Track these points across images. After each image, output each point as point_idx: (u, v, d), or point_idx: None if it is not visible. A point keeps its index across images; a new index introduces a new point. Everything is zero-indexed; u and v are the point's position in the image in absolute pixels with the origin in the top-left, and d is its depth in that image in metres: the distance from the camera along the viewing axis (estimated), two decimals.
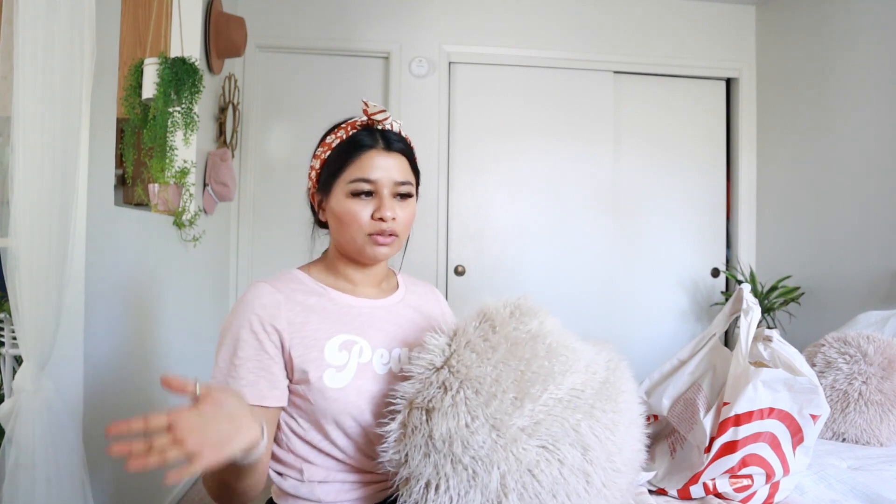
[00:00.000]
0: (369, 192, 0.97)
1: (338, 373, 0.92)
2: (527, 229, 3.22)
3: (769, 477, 1.19)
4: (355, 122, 1.00)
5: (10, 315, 1.25)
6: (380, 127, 0.99)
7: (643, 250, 3.33)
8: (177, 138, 2.14)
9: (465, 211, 3.19)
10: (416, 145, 1.06)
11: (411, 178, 1.01)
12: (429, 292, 1.17)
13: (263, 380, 0.90)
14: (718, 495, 1.20)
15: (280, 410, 0.94)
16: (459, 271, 3.16)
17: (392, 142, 0.99)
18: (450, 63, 3.19)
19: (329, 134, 1.02)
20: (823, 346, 1.78)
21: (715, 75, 3.38)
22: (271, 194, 3.08)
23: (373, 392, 0.94)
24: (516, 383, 0.87)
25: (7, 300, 1.27)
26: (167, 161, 2.09)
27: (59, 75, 1.27)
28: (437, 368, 0.88)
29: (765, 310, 2.90)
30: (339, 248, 1.02)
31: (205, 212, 2.51)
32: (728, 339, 3.19)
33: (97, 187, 1.64)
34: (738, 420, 1.18)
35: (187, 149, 2.24)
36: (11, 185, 1.21)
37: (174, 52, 2.26)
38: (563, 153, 3.23)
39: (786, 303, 2.91)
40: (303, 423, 0.94)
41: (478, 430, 0.83)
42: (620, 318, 3.29)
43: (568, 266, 3.23)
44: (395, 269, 1.16)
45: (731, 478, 1.20)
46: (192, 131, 2.07)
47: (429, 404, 0.85)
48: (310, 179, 1.04)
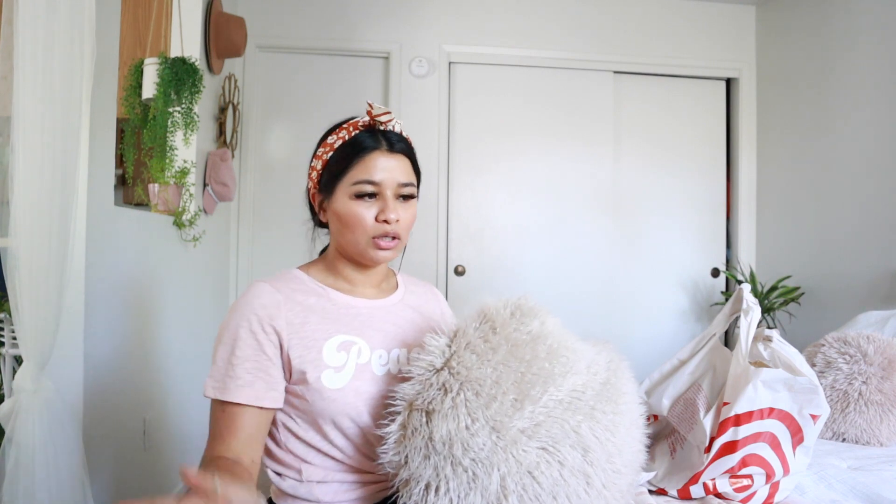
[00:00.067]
0: (373, 193, 0.96)
1: (336, 373, 0.92)
2: (527, 229, 3.21)
3: (769, 477, 1.19)
4: (357, 122, 1.00)
5: (10, 315, 1.26)
6: (382, 128, 0.99)
7: (643, 250, 3.32)
8: (177, 138, 2.14)
9: (465, 211, 3.19)
10: (416, 145, 1.05)
11: (413, 179, 1.01)
12: (428, 292, 1.17)
13: (260, 380, 0.90)
14: (718, 495, 1.20)
15: (275, 411, 0.94)
16: (459, 271, 3.15)
17: (395, 143, 0.98)
18: (450, 63, 3.19)
19: (330, 134, 1.01)
20: (823, 346, 1.78)
21: (715, 75, 3.38)
22: (271, 194, 3.08)
23: (371, 393, 0.93)
24: (517, 385, 0.87)
25: (7, 300, 1.27)
26: (167, 161, 2.09)
27: (59, 75, 1.26)
28: (438, 370, 0.88)
29: (765, 310, 2.90)
30: (339, 248, 1.02)
31: (205, 212, 2.51)
32: (728, 339, 3.19)
33: (97, 187, 1.64)
34: (738, 420, 1.18)
35: (187, 149, 2.24)
36: (11, 185, 1.21)
37: (174, 52, 2.26)
38: (563, 153, 3.23)
39: (786, 303, 2.91)
40: (301, 423, 0.94)
41: (478, 432, 0.83)
42: (620, 318, 3.29)
43: (568, 266, 3.23)
44: (394, 270, 1.16)
45: (731, 478, 1.20)
46: (192, 131, 2.07)
47: (429, 406, 0.85)
48: (310, 179, 1.03)
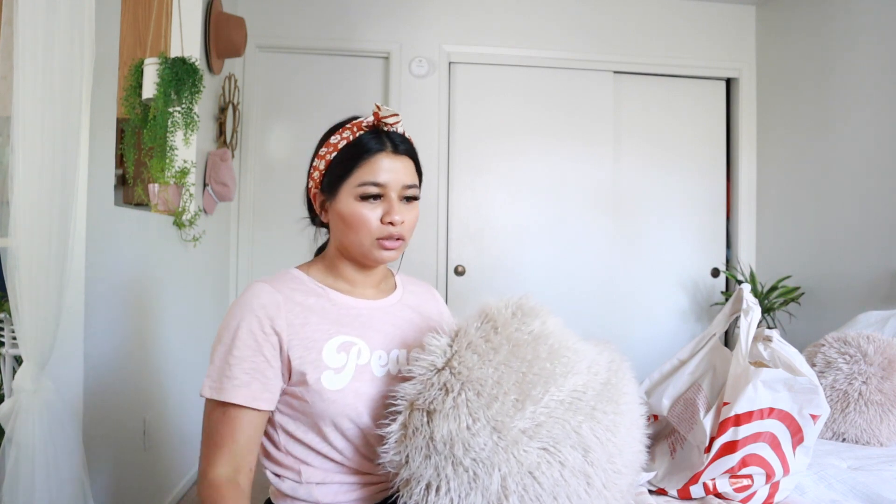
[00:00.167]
0: (378, 195, 0.96)
1: (336, 374, 0.92)
2: (527, 229, 3.21)
3: (769, 477, 1.19)
4: (361, 122, 1.00)
5: (10, 315, 1.25)
6: (386, 129, 0.99)
7: (643, 250, 3.32)
8: (177, 138, 2.14)
9: (465, 211, 3.19)
10: (416, 145, 1.05)
11: (417, 181, 1.01)
12: (426, 292, 1.17)
13: (257, 381, 0.89)
14: (718, 495, 1.20)
15: (269, 413, 0.93)
16: (459, 271, 3.15)
17: (399, 144, 0.99)
18: (450, 63, 3.19)
19: (333, 134, 1.01)
20: (823, 346, 1.78)
21: (715, 75, 3.38)
22: (271, 194, 3.08)
23: (371, 394, 0.93)
24: (518, 385, 0.87)
25: (7, 300, 1.27)
26: (167, 161, 2.08)
27: (59, 75, 1.26)
28: (439, 370, 0.88)
29: (765, 310, 2.90)
30: (341, 249, 1.01)
31: (205, 212, 2.51)
32: (728, 339, 3.19)
33: (97, 187, 1.64)
34: (738, 420, 1.18)
35: (187, 149, 2.24)
36: (11, 185, 1.21)
37: (174, 52, 2.26)
38: (563, 153, 3.23)
39: (786, 303, 2.91)
40: (300, 425, 0.94)
41: (479, 432, 0.83)
42: (620, 318, 3.29)
43: (568, 266, 3.23)
44: (393, 269, 1.16)
45: (731, 478, 1.20)
46: (192, 131, 2.07)
47: (430, 406, 0.85)
48: (311, 179, 1.02)
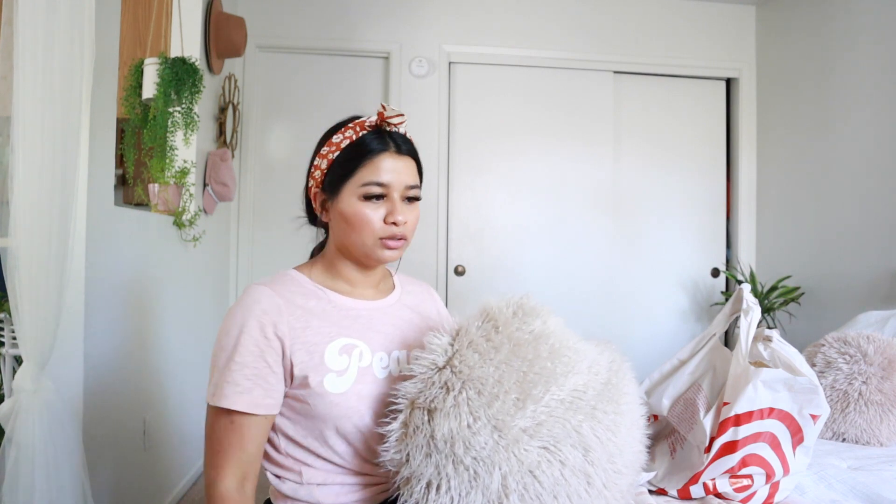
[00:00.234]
0: (381, 195, 0.96)
1: (338, 378, 0.91)
2: (527, 229, 3.21)
3: (769, 477, 1.19)
4: (363, 122, 0.99)
5: (10, 315, 1.25)
6: (389, 129, 0.99)
7: (643, 250, 3.33)
8: (177, 138, 2.14)
9: (465, 211, 3.19)
10: (416, 145, 1.06)
11: (418, 181, 1.01)
12: (424, 291, 1.17)
13: (259, 387, 0.89)
14: (718, 495, 1.20)
15: (272, 417, 0.93)
16: (459, 271, 3.15)
17: (401, 144, 0.98)
18: (450, 63, 3.19)
19: (334, 133, 1.00)
20: (823, 346, 1.78)
21: (715, 75, 3.38)
22: (271, 194, 3.08)
23: (373, 396, 0.93)
24: (518, 384, 0.87)
25: (7, 300, 1.27)
26: (167, 161, 2.09)
27: (59, 75, 1.26)
28: (440, 368, 0.88)
29: (765, 310, 2.90)
30: (342, 249, 1.01)
31: (205, 212, 2.51)
32: (728, 339, 3.19)
33: (97, 187, 1.64)
34: (738, 420, 1.18)
35: (187, 149, 2.24)
36: (11, 185, 1.21)
37: (174, 52, 2.26)
38: (563, 153, 3.23)
39: (786, 303, 2.91)
40: (300, 428, 0.94)
41: (480, 430, 0.83)
42: (620, 318, 3.29)
43: (568, 266, 3.23)
44: (391, 269, 1.15)
45: (731, 478, 1.20)
46: (192, 131, 2.07)
47: (431, 404, 0.85)
48: (312, 178, 1.02)
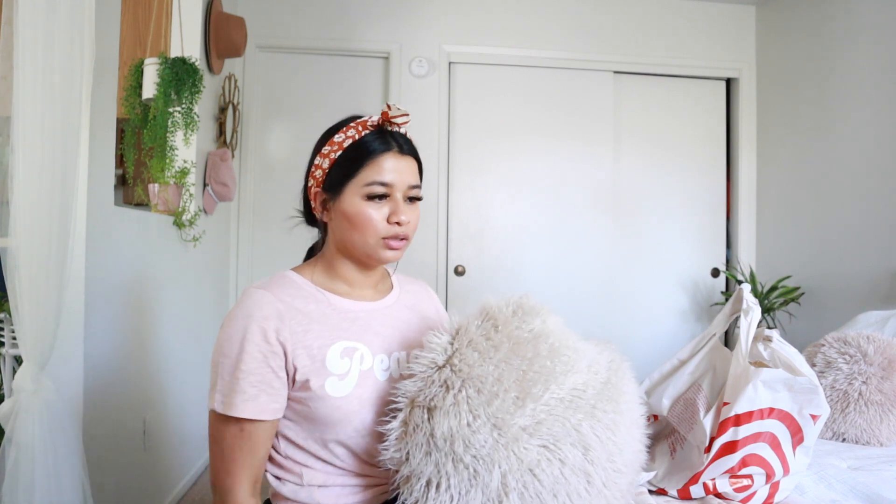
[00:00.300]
0: (384, 195, 0.96)
1: (340, 381, 0.91)
2: (527, 229, 3.21)
3: (769, 477, 1.19)
4: (364, 121, 0.99)
5: (10, 315, 1.25)
6: (390, 129, 0.99)
7: (643, 250, 3.32)
8: (177, 138, 2.14)
9: (465, 211, 3.19)
10: (416, 145, 1.06)
11: (419, 181, 1.01)
12: (421, 290, 1.17)
13: (264, 393, 0.89)
14: (718, 495, 1.20)
15: (278, 420, 0.93)
16: (459, 271, 3.15)
17: (403, 144, 0.99)
18: (450, 63, 3.19)
19: (336, 132, 1.00)
20: (823, 346, 1.78)
21: (715, 75, 3.38)
22: (271, 194, 3.08)
23: (374, 399, 0.93)
24: (518, 383, 0.87)
25: (7, 300, 1.27)
26: (167, 161, 2.09)
27: (59, 75, 1.26)
28: (440, 367, 0.88)
29: (765, 310, 2.90)
30: (342, 249, 1.01)
31: (205, 212, 2.51)
32: (728, 339, 3.19)
33: (97, 187, 1.64)
34: (738, 420, 1.18)
35: (187, 149, 2.24)
36: (11, 185, 1.21)
37: (174, 52, 2.26)
38: (563, 153, 3.23)
39: (786, 303, 2.91)
40: (301, 431, 0.94)
41: (479, 429, 0.83)
42: (620, 317, 3.29)
43: (568, 266, 3.23)
44: (390, 269, 1.15)
45: (731, 478, 1.20)
46: (192, 131, 2.07)
47: (430, 403, 0.85)
48: (312, 178, 1.01)
